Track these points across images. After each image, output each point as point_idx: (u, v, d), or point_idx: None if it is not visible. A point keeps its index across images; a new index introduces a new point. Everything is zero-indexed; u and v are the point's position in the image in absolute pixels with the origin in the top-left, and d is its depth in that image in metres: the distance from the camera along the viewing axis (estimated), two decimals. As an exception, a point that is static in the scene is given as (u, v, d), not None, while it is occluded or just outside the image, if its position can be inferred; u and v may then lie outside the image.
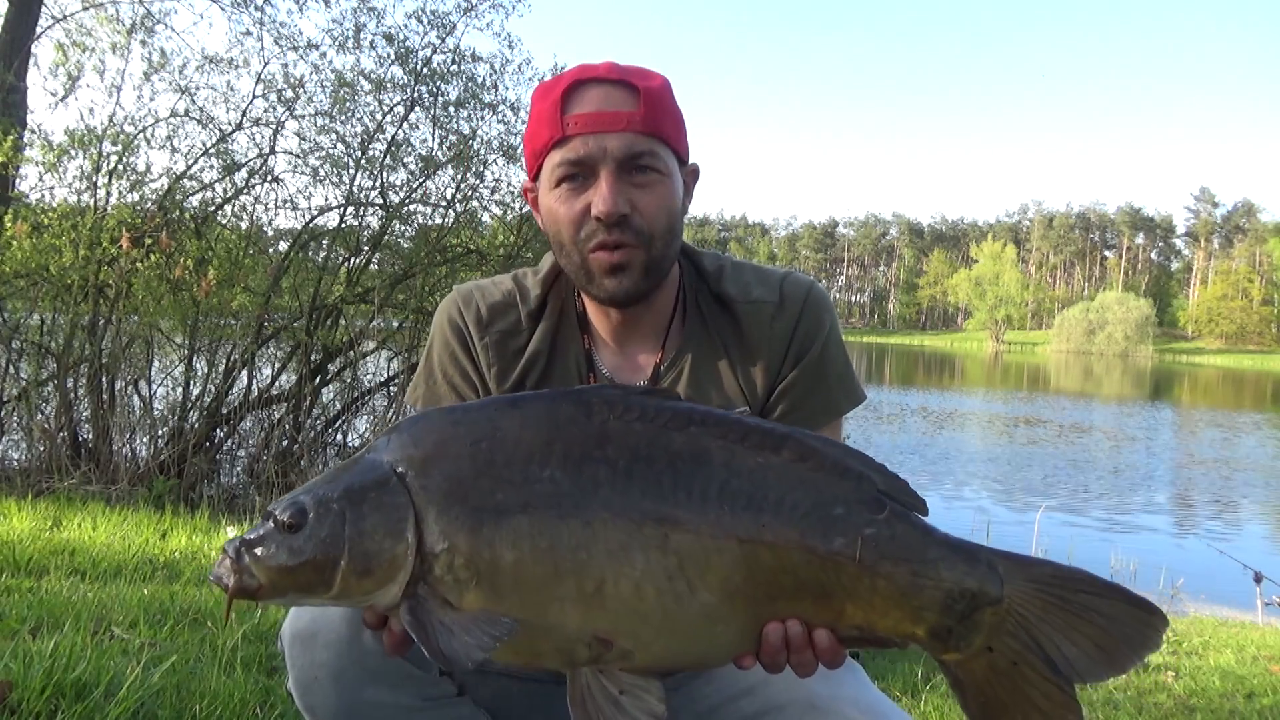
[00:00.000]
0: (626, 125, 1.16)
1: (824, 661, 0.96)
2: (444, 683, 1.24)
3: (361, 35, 7.83)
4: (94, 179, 6.79)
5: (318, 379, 7.54)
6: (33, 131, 7.06)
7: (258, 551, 0.91)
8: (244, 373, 7.29)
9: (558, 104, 1.18)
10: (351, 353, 7.57)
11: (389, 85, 7.88)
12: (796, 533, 0.93)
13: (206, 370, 7.27)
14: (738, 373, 1.30)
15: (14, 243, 6.22)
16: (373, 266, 8.00)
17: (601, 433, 0.94)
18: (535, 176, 1.26)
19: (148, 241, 6.57)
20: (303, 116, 7.75)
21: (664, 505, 0.92)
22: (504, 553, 0.90)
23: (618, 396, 0.97)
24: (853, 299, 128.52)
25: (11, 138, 6.48)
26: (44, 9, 8.20)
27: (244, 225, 7.75)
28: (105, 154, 6.81)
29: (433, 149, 7.94)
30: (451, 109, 7.99)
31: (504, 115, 8.10)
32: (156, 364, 7.37)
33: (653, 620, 0.91)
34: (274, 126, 7.57)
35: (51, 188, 7.02)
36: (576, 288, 1.32)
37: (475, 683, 1.27)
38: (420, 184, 7.89)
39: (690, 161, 1.29)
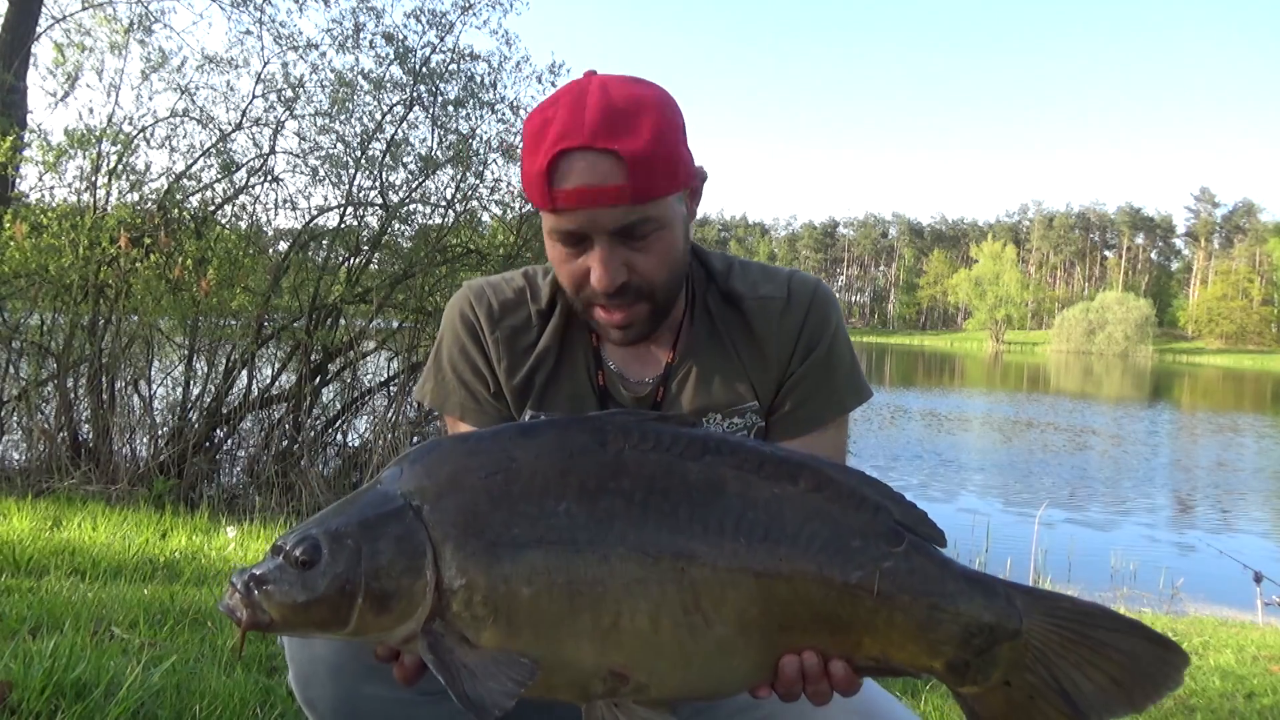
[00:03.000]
0: (615, 199, 1.12)
1: (840, 691, 0.96)
2: None
3: (361, 35, 7.84)
4: (93, 179, 6.79)
5: (318, 379, 7.55)
6: (32, 131, 7.06)
7: (269, 588, 0.89)
8: (244, 373, 7.30)
9: (543, 174, 1.13)
10: (351, 353, 7.57)
11: (388, 85, 7.89)
12: (814, 566, 0.92)
13: (206, 370, 7.28)
14: (747, 368, 1.30)
15: (13, 243, 6.22)
16: (373, 266, 8.00)
17: (617, 463, 0.93)
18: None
19: (147, 241, 6.58)
20: (302, 116, 7.76)
21: (680, 539, 0.91)
22: (521, 588, 0.89)
23: (632, 424, 0.96)
24: (853, 299, 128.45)
25: (11, 138, 6.48)
26: (44, 9, 8.20)
27: (244, 225, 7.76)
28: (104, 154, 6.81)
29: (432, 148, 7.95)
30: (451, 108, 8.00)
31: (503, 114, 8.12)
32: (156, 364, 7.38)
33: (669, 654, 0.91)
34: (274, 126, 7.58)
35: (51, 188, 7.04)
36: None
37: None
38: (420, 184, 7.90)
39: (696, 167, 1.26)
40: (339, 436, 7.87)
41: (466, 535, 0.90)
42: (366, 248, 7.84)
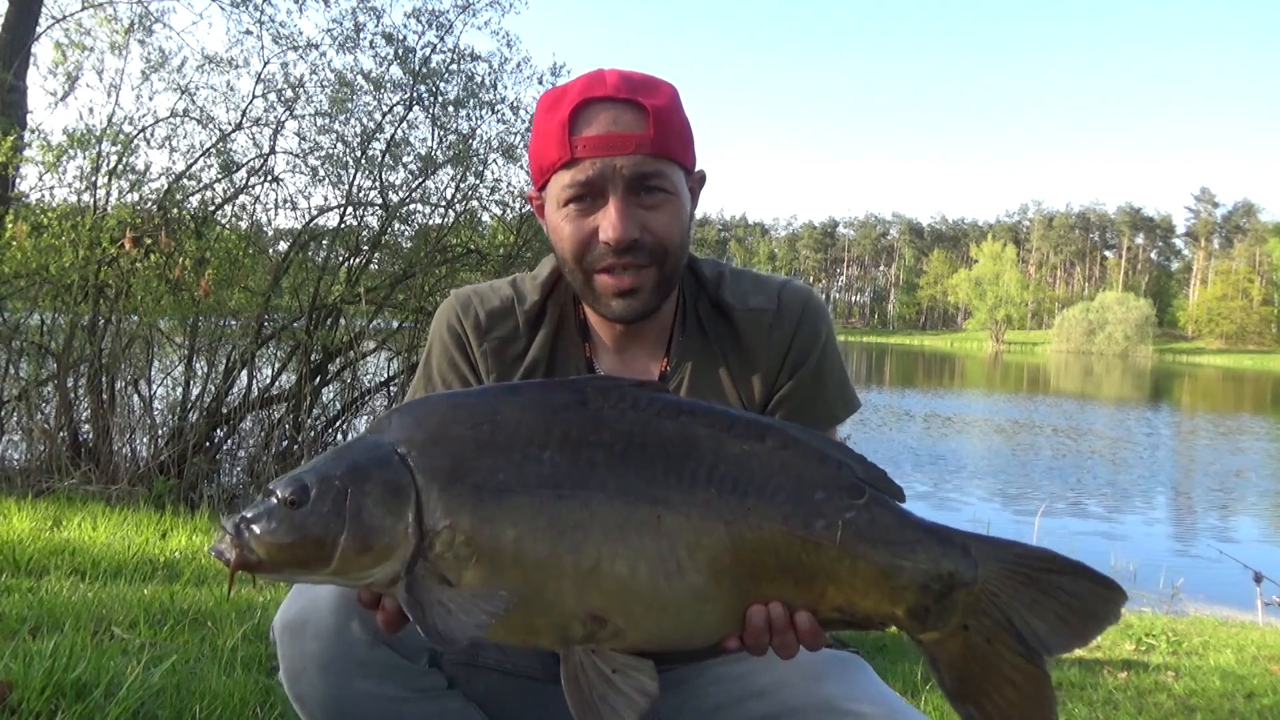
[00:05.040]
0: (636, 148, 1.16)
1: (805, 643, 0.99)
2: (433, 674, 1.24)
3: (361, 35, 7.84)
4: (93, 179, 6.79)
5: (318, 379, 7.54)
6: (32, 131, 7.06)
7: (257, 528, 0.92)
8: (244, 373, 7.30)
9: (565, 124, 1.17)
10: (351, 353, 7.57)
11: (388, 84, 7.89)
12: (780, 516, 0.97)
13: (206, 370, 7.28)
14: (736, 380, 1.31)
15: (14, 243, 6.22)
16: (373, 266, 8.00)
17: (597, 419, 0.98)
18: (541, 187, 1.26)
19: (147, 241, 6.58)
20: (302, 116, 7.76)
21: (656, 488, 0.95)
22: (504, 531, 0.93)
23: (610, 386, 1.01)
24: (853, 299, 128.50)
25: (11, 138, 6.48)
26: (44, 9, 8.19)
27: (244, 225, 7.75)
28: (104, 154, 6.81)
29: (432, 148, 7.95)
30: (451, 108, 8.00)
31: (503, 114, 8.11)
32: (156, 364, 7.37)
33: (645, 598, 0.95)
34: (274, 126, 7.58)
35: (51, 188, 7.03)
36: (577, 295, 1.32)
37: (467, 677, 1.27)
38: (420, 183, 7.90)
39: (697, 169, 1.29)
40: (339, 436, 7.87)
41: (451, 480, 0.94)
42: (366, 248, 7.84)
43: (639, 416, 0.98)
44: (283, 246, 7.91)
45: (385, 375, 8.03)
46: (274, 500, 0.94)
